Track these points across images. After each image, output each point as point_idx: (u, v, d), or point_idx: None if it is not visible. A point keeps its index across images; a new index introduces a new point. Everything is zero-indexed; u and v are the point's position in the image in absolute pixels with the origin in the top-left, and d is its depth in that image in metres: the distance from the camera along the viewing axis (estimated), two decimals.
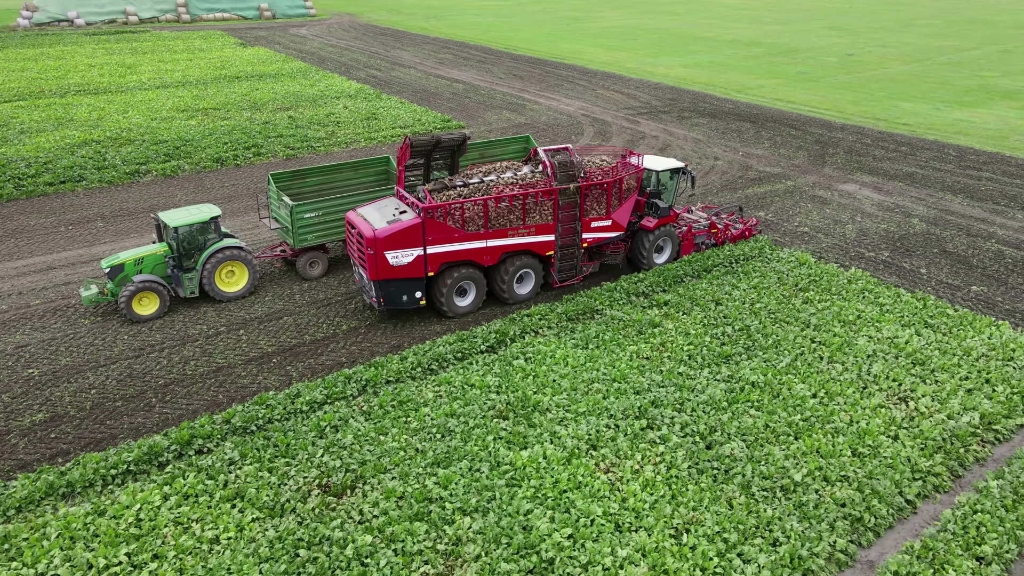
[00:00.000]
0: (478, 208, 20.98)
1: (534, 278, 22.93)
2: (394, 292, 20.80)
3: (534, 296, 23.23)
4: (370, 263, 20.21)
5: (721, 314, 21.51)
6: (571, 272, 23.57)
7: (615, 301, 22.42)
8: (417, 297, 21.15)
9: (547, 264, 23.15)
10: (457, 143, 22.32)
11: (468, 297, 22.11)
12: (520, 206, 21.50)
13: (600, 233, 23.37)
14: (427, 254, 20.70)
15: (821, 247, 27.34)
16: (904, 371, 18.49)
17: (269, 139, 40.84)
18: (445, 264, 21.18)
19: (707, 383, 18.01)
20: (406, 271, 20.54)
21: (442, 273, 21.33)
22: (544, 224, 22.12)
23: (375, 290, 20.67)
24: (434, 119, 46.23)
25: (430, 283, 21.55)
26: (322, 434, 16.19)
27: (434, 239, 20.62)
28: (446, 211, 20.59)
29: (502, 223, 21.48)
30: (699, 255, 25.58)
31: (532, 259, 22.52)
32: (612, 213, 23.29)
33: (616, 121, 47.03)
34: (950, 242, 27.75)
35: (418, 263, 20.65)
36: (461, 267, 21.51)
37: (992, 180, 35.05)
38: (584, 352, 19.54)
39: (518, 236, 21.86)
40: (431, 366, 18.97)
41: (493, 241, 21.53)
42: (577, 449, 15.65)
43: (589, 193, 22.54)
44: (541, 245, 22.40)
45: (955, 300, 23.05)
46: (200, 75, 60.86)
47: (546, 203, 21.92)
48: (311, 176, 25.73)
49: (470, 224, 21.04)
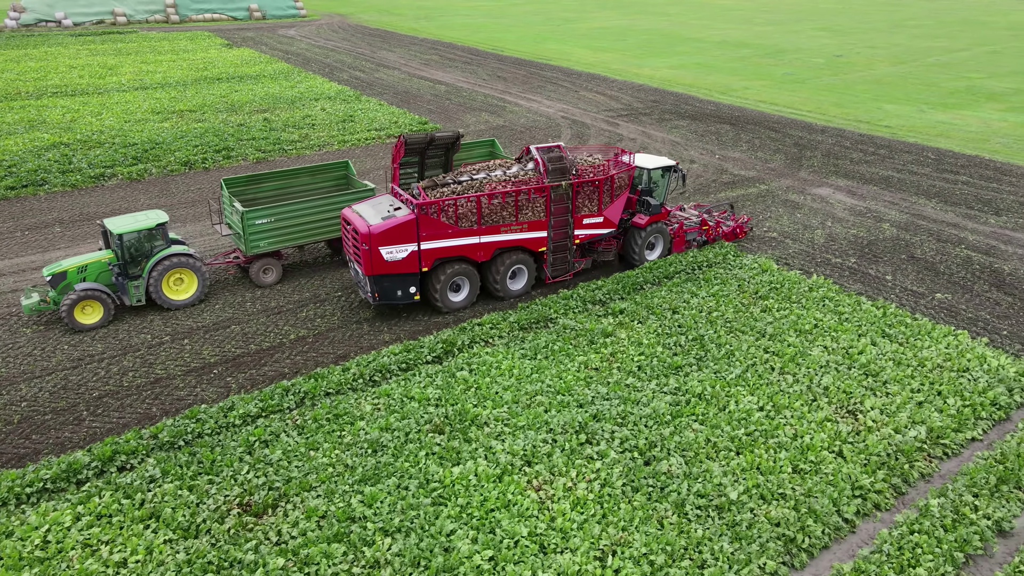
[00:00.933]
0: (471, 205, 21.28)
1: (527, 274, 23.26)
2: (389, 287, 21.15)
3: (527, 292, 23.56)
4: (365, 259, 20.54)
5: (676, 323, 21.08)
6: (563, 268, 23.88)
7: (570, 309, 21.99)
8: (411, 292, 21.46)
9: (540, 260, 23.52)
10: (451, 141, 22.83)
11: (462, 292, 22.43)
12: (513, 203, 21.83)
13: (592, 230, 23.73)
14: (421, 250, 21.06)
15: (788, 253, 26.91)
16: (855, 383, 18.06)
17: (241, 142, 40.41)
18: (439, 260, 21.54)
19: (652, 396, 17.58)
20: (400, 266, 20.92)
21: (436, 269, 21.68)
22: (536, 221, 22.45)
23: (370, 285, 21.00)
24: (411, 121, 45.81)
25: (424, 278, 21.90)
26: (250, 450, 15.76)
27: (428, 235, 20.95)
28: (439, 207, 20.89)
29: (495, 220, 21.78)
30: (661, 261, 25.17)
31: (525, 255, 22.87)
32: (604, 210, 23.62)
33: (595, 123, 46.60)
34: (919, 248, 27.33)
35: (412, 259, 20.99)
36: (455, 263, 21.85)
37: (968, 184, 34.62)
38: (531, 363, 19.10)
39: (511, 232, 22.19)
40: (373, 377, 18.53)
41: (486, 237, 21.85)
42: (511, 465, 15.22)
43: (581, 190, 22.87)
44: (534, 241, 22.74)
45: (917, 308, 22.62)
46: (181, 76, 60.43)
47: (538, 200, 22.23)
48: (267, 181, 25.30)
49: (463, 220, 21.34)
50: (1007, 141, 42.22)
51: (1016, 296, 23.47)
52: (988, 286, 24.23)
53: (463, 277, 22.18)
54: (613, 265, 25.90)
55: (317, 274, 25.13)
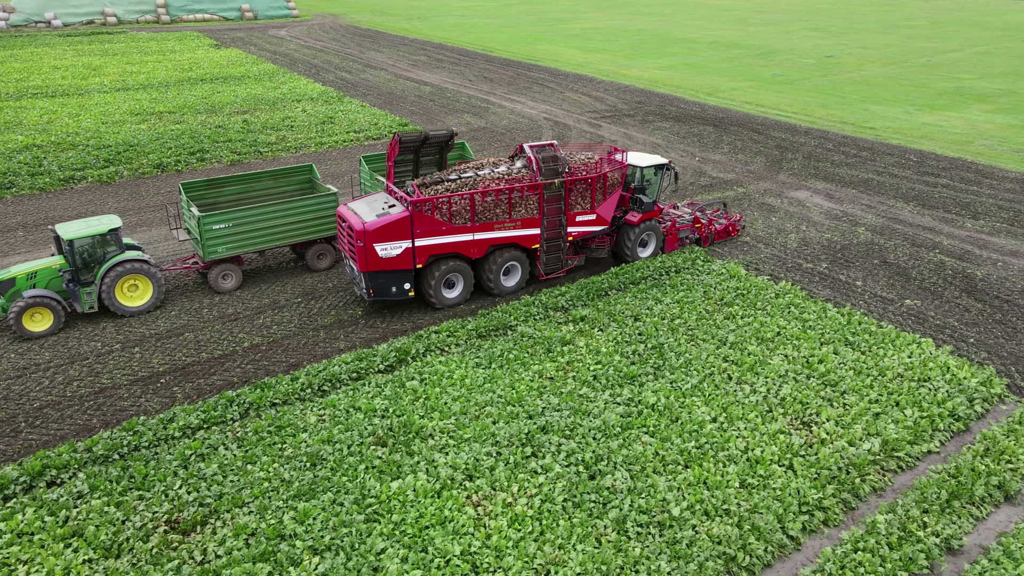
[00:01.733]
0: (465, 202, 21.44)
1: (520, 271, 23.47)
2: (383, 283, 21.38)
3: (521, 288, 23.75)
4: (360, 255, 20.75)
5: (637, 331, 20.68)
6: (557, 265, 24.12)
7: (531, 316, 21.61)
8: (406, 288, 21.71)
9: (533, 257, 23.73)
10: (445, 140, 22.99)
11: (456, 289, 22.65)
12: (506, 200, 22.04)
13: (585, 227, 23.94)
14: (415, 246, 21.27)
15: (759, 257, 26.51)
16: (813, 393, 17.66)
17: (217, 144, 40.02)
18: (433, 256, 21.75)
19: (604, 407, 17.19)
20: (395, 263, 21.13)
21: (430, 265, 21.88)
22: (530, 218, 22.69)
23: (365, 281, 21.23)
24: (392, 123, 45.44)
25: (419, 275, 22.18)
26: (186, 463, 15.37)
27: (422, 232, 21.18)
28: (433, 205, 21.11)
29: (488, 217, 21.99)
30: (629, 267, 24.78)
31: (519, 252, 23.07)
32: (597, 208, 23.85)
33: (577, 125, 46.21)
34: (892, 252, 26.92)
35: (406, 255, 21.22)
36: (449, 259, 22.06)
37: (948, 187, 34.22)
38: (485, 372, 18.72)
39: (504, 229, 22.41)
40: (323, 387, 18.15)
41: (480, 234, 22.06)
42: (451, 480, 14.83)
43: (574, 188, 23.05)
44: (527, 238, 22.98)
45: (884, 315, 22.22)
46: (165, 77, 60.05)
47: (531, 197, 22.47)
48: (228, 185, 24.93)
49: (457, 217, 21.53)
50: (991, 143, 41.81)
51: (986, 303, 23.07)
52: (959, 292, 23.83)
53: (457, 274, 22.33)
54: (606, 262, 26.12)
55: (279, 280, 24.75)
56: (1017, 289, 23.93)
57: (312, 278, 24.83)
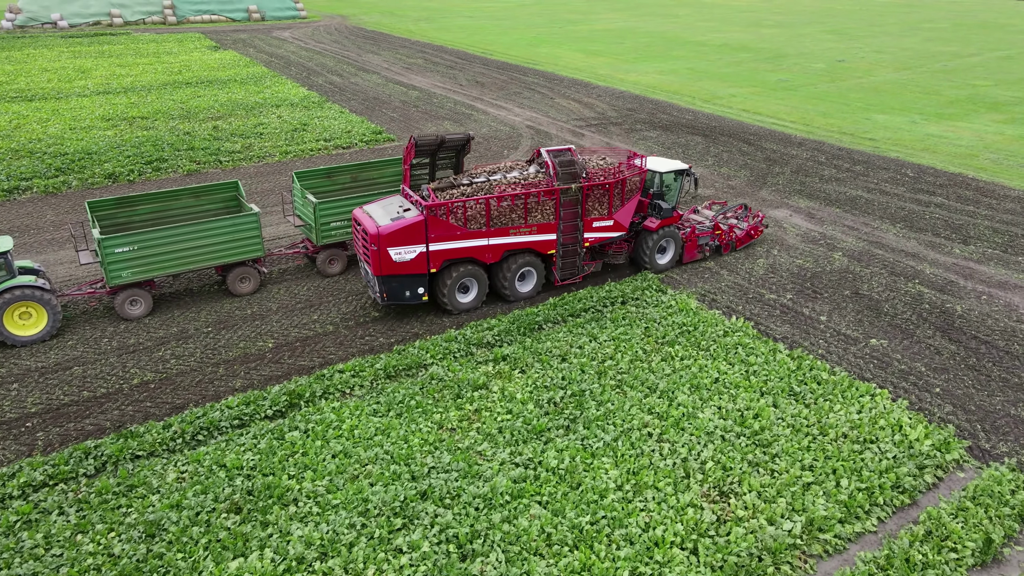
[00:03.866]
0: (480, 207, 21.22)
1: (535, 276, 23.15)
2: (397, 287, 21.23)
3: (536, 294, 23.41)
4: (374, 259, 20.63)
5: (560, 374, 18.69)
6: (572, 271, 23.69)
7: (450, 354, 19.71)
8: (420, 293, 21.55)
9: (549, 263, 23.35)
10: (462, 143, 22.64)
11: (470, 294, 22.43)
12: (522, 205, 21.71)
13: (602, 233, 23.51)
14: (429, 251, 21.07)
15: (719, 286, 24.37)
16: (740, 456, 15.57)
17: (178, 152, 38.55)
18: (447, 261, 21.52)
19: (499, 469, 15.23)
20: (409, 267, 20.96)
21: (444, 270, 21.69)
22: (546, 223, 22.34)
23: (378, 285, 21.11)
24: (366, 131, 43.74)
25: (433, 279, 21.91)
26: (8, 532, 13.64)
27: (436, 236, 20.97)
28: (448, 209, 20.83)
29: (504, 222, 21.71)
30: (570, 296, 22.81)
31: (534, 258, 22.76)
32: (614, 213, 23.42)
33: (560, 134, 44.19)
34: (867, 282, 24.64)
35: (420, 260, 21.05)
36: (463, 264, 21.82)
37: (942, 207, 31.75)
38: (380, 421, 16.84)
39: (520, 235, 22.12)
40: (197, 436, 16.39)
41: (495, 239, 21.79)
42: (299, 561, 12.96)
43: (591, 193, 22.66)
44: (543, 244, 22.64)
45: (844, 358, 20.01)
46: (151, 80, 58.93)
47: (548, 202, 22.10)
48: (142, 204, 23.31)
49: (472, 222, 21.32)
50: (997, 157, 39.15)
51: (961, 344, 20.77)
52: (933, 330, 21.53)
53: (471, 279, 22.10)
54: (620, 270, 25.53)
55: (194, 306, 23.07)
56: (998, 328, 21.59)
57: (231, 304, 23.13)
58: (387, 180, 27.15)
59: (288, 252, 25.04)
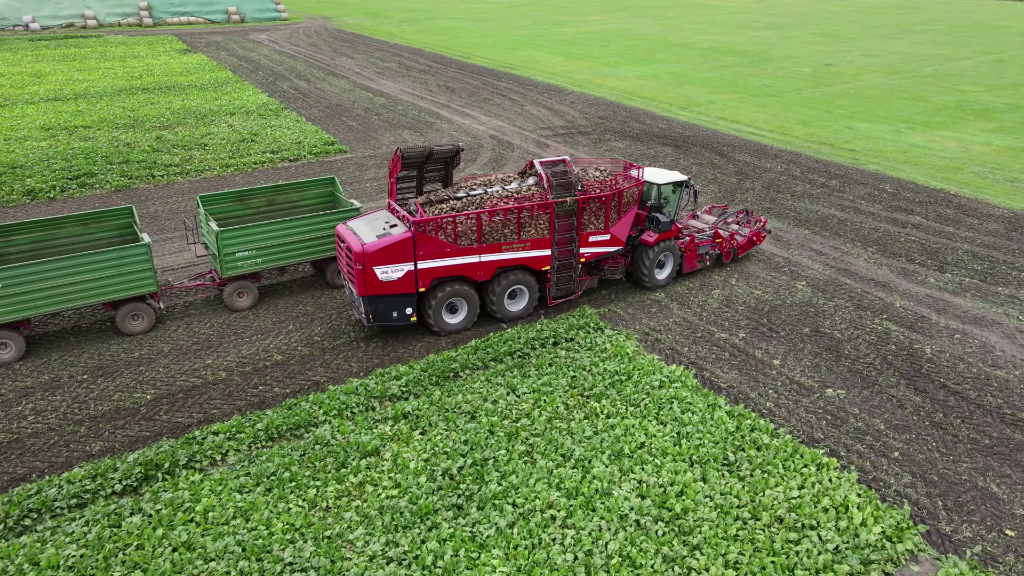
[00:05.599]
0: (471, 222, 20.16)
1: (528, 295, 21.90)
2: (383, 308, 20.17)
3: (528, 314, 22.14)
4: (359, 278, 19.55)
5: (464, 437, 16.32)
6: (567, 288, 22.63)
7: (346, 408, 17.34)
8: (408, 313, 20.48)
9: (543, 280, 22.17)
10: (451, 155, 21.32)
11: (459, 315, 21.28)
12: (515, 220, 20.62)
13: (598, 248, 22.41)
14: (418, 269, 20.01)
15: (667, 323, 22.02)
16: (655, 547, 13.19)
17: (111, 166, 36.21)
18: (437, 279, 20.42)
19: (365, 568, 12.85)
20: (396, 287, 19.91)
21: (433, 289, 20.54)
22: (540, 238, 21.24)
23: (364, 306, 20.01)
24: (317, 142, 41.42)
25: (420, 299, 20.75)
26: None
27: (425, 254, 19.96)
28: (438, 225, 19.76)
29: (496, 237, 20.66)
30: (495, 338, 20.48)
31: (526, 275, 21.55)
32: (611, 227, 22.32)
33: (523, 144, 41.84)
34: (830, 318, 22.29)
35: (408, 279, 19.99)
36: (453, 283, 20.68)
37: (919, 227, 29.39)
38: (244, 499, 14.48)
39: (513, 251, 21.01)
40: (25, 519, 14.03)
41: (487, 256, 20.71)
42: None
43: (587, 206, 21.51)
44: (537, 260, 21.52)
45: (793, 414, 17.64)
46: (107, 86, 56.61)
47: (542, 217, 21.00)
48: (21, 233, 20.95)
49: (462, 238, 20.26)
50: (982, 170, 36.79)
51: (927, 395, 18.42)
52: (897, 378, 19.17)
53: (460, 298, 20.94)
54: (618, 285, 24.44)
55: (76, 347, 20.71)
56: (970, 376, 19.22)
57: (118, 345, 20.77)
58: (309, 203, 24.85)
59: (191, 285, 22.65)
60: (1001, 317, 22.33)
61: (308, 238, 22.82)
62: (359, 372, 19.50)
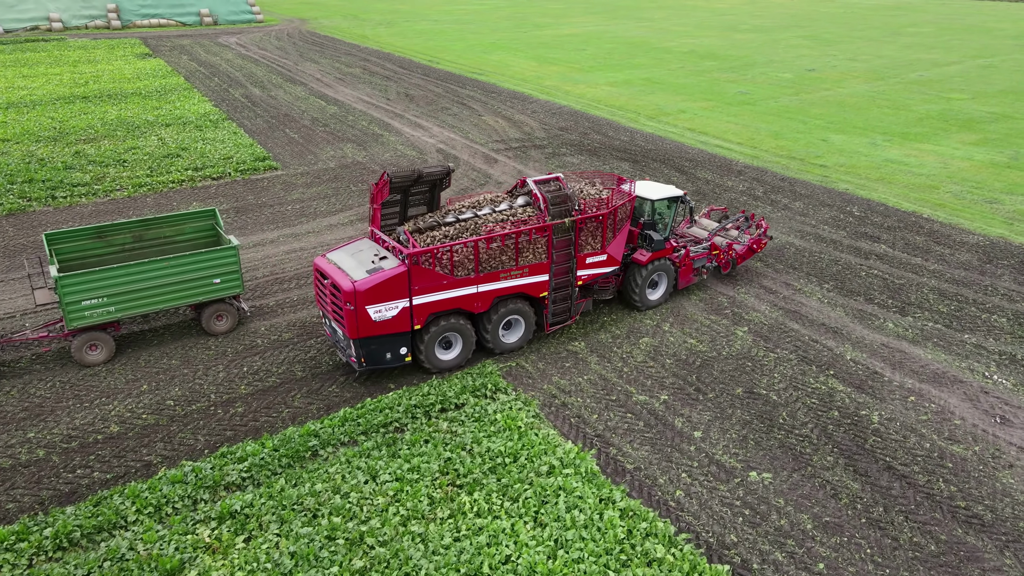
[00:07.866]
0: (467, 251, 18.56)
1: (524, 324, 20.43)
2: (377, 350, 18.41)
3: (524, 344, 20.63)
4: (349, 319, 17.72)
5: (296, 547, 13.36)
6: (565, 315, 21.21)
7: (167, 503, 14.41)
8: (403, 354, 18.81)
9: (540, 307, 20.66)
10: (440, 177, 19.65)
11: (453, 350, 19.58)
12: (513, 245, 19.10)
13: (596, 269, 21.10)
14: (413, 305, 18.33)
15: (580, 381, 19.11)
16: None
17: (13, 185, 33.30)
18: (433, 315, 18.78)
19: None
20: (390, 326, 18.16)
21: (427, 325, 18.87)
22: (538, 263, 19.82)
23: (355, 350, 18.18)
24: (247, 157, 38.52)
25: (412, 336, 18.95)
26: None
27: (421, 288, 18.25)
28: (433, 256, 18.09)
29: (494, 265, 19.14)
30: (372, 404, 17.58)
31: (522, 303, 20.09)
32: (607, 247, 21.01)
33: (471, 159, 38.92)
34: (768, 375, 19.38)
35: (403, 316, 18.31)
36: (448, 317, 19.07)
37: (884, 258, 26.46)
38: None
39: (511, 279, 19.54)
40: None
41: (484, 286, 19.17)
42: None
43: (584, 226, 20.20)
44: (534, 287, 20.06)
45: (705, 507, 14.74)
46: (47, 94, 53.69)
47: (539, 240, 19.57)
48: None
49: (460, 268, 18.67)
50: (960, 189, 33.88)
51: (868, 480, 15.51)
52: (836, 457, 16.25)
53: (454, 333, 19.31)
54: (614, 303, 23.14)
55: None
56: (922, 452, 16.31)
57: None
58: (186, 239, 21.94)
59: (33, 337, 19.74)
60: (964, 373, 19.41)
61: (176, 281, 19.93)
62: (203, 450, 16.57)
